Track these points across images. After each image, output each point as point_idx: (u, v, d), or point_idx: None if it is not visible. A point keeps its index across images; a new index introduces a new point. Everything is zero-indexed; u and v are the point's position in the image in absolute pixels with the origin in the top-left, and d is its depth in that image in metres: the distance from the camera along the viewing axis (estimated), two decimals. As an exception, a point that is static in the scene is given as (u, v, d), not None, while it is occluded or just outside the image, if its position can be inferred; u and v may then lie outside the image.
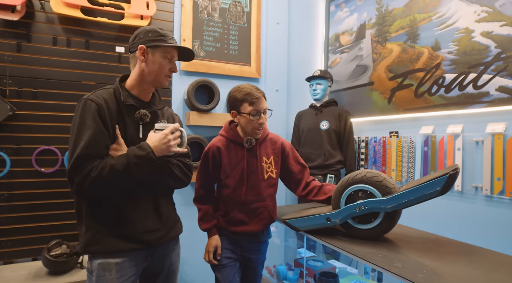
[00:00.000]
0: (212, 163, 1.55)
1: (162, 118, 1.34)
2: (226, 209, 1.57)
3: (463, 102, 1.86)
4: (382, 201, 1.21)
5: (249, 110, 1.47)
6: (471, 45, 1.82)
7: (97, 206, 1.18)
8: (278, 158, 1.63)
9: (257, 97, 1.46)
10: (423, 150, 2.11)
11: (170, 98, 2.61)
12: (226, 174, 1.55)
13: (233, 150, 1.55)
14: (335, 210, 1.33)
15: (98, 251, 1.18)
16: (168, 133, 1.23)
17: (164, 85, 1.32)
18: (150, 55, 1.23)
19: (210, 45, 2.71)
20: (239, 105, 1.50)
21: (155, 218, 1.27)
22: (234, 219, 1.55)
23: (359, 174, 1.30)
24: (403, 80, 2.23)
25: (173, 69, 1.30)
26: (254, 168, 1.55)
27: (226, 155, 1.54)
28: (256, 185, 1.55)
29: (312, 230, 1.40)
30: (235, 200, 1.55)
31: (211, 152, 1.55)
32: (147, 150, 1.15)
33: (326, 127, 2.60)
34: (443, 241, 1.30)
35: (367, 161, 2.56)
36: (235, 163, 1.54)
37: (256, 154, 1.56)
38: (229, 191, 1.55)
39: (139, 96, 1.28)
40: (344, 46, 2.82)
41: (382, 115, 2.41)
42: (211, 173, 1.57)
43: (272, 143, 1.64)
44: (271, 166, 1.60)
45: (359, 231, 1.30)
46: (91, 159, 1.10)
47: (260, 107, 1.48)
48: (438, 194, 1.11)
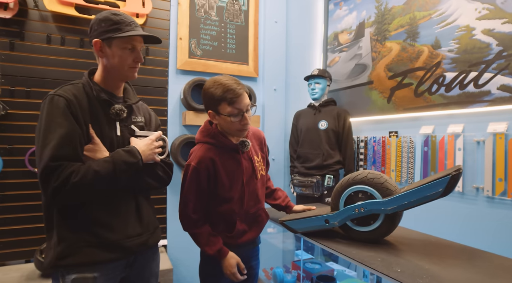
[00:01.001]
0: (206, 180, 1.28)
1: (138, 114, 1.25)
2: (227, 225, 1.35)
3: (464, 101, 1.83)
4: (382, 202, 1.17)
5: (229, 112, 1.22)
6: (472, 43, 1.79)
7: (72, 212, 1.05)
8: (263, 153, 1.49)
9: (237, 95, 1.20)
10: (423, 150, 2.08)
11: (167, 98, 2.57)
12: (225, 188, 1.30)
13: (227, 158, 1.31)
14: (334, 212, 1.29)
15: (73, 264, 1.03)
16: (154, 140, 1.18)
17: (132, 77, 1.18)
18: (107, 49, 1.10)
19: (207, 44, 2.67)
20: (216, 104, 1.23)
21: (137, 221, 1.16)
22: (237, 232, 1.35)
23: (360, 175, 1.26)
24: (402, 79, 2.20)
25: (138, 59, 1.15)
26: (251, 171, 1.37)
27: (221, 167, 1.29)
28: (254, 189, 1.40)
29: (310, 232, 1.36)
30: (236, 212, 1.34)
31: (203, 167, 1.26)
32: (138, 157, 1.09)
33: (324, 127, 2.57)
34: (444, 243, 1.27)
35: (366, 161, 2.53)
36: (232, 172, 1.31)
37: (248, 155, 1.38)
38: (231, 204, 1.33)
39: (111, 90, 1.16)
40: (343, 45, 2.79)
41: (382, 115, 2.38)
42: (206, 193, 1.30)
43: (256, 137, 1.45)
44: (261, 164, 1.45)
45: (358, 234, 1.26)
46: (68, 161, 0.99)
47: (242, 106, 1.22)
48: (440, 196, 1.08)
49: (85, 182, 0.99)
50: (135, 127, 1.23)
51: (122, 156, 1.07)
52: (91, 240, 1.06)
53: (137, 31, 1.15)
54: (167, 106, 2.57)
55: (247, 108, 1.25)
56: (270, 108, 2.85)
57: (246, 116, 1.25)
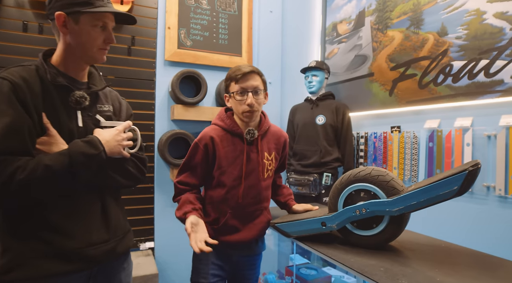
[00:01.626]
0: (203, 156, 1.29)
1: (106, 102, 1.09)
2: (217, 215, 1.31)
3: (473, 92, 1.68)
4: (387, 202, 1.02)
5: (235, 89, 1.25)
6: (482, 28, 1.64)
7: (20, 217, 0.90)
8: (279, 155, 1.43)
9: (242, 72, 1.23)
10: (427, 146, 1.92)
11: (154, 91, 2.41)
12: (221, 169, 1.28)
13: (231, 142, 1.30)
14: (332, 213, 1.14)
15: (19, 279, 0.88)
16: (121, 131, 1.02)
17: (100, 60, 1.04)
18: (73, 25, 0.95)
19: (198, 34, 2.51)
20: (228, 85, 1.30)
21: (102, 226, 1.01)
22: (225, 227, 1.30)
23: (363, 171, 1.11)
24: (405, 70, 2.05)
25: (109, 40, 1.02)
26: (255, 165, 1.31)
27: (221, 147, 1.29)
28: (255, 186, 1.32)
29: (306, 236, 1.21)
30: (229, 203, 1.29)
31: (203, 143, 1.28)
32: (99, 148, 0.93)
33: (322, 122, 2.42)
34: (456, 249, 1.12)
35: (367, 158, 2.38)
36: (233, 158, 1.29)
37: (257, 148, 1.32)
38: (224, 191, 1.29)
39: (71, 75, 1.01)
40: (342, 36, 2.64)
41: (383, 108, 2.23)
42: (201, 168, 1.30)
43: (276, 136, 1.41)
44: (272, 164, 1.38)
45: (359, 238, 1.11)
46: (13, 155, 0.84)
47: (247, 85, 1.24)
48: (455, 195, 0.93)
49: (34, 179, 0.83)
50: (100, 117, 1.07)
51: (80, 147, 0.91)
52: (42, 249, 0.90)
53: (109, 7, 1.00)
54: (155, 100, 2.42)
55: (255, 90, 1.25)
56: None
57: (251, 96, 1.24)
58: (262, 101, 1.30)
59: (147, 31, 2.39)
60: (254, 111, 1.27)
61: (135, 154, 1.11)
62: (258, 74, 1.28)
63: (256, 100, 1.26)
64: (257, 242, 1.41)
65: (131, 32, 2.34)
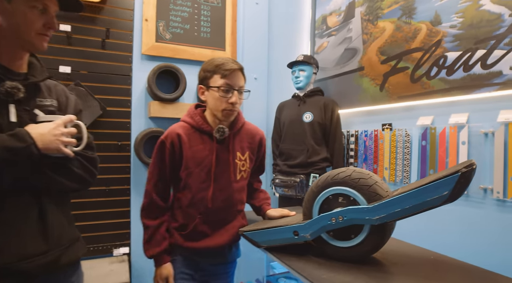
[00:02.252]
0: (169, 156, 1.18)
1: (49, 95, 0.96)
2: (185, 220, 1.21)
3: (468, 85, 1.54)
4: (366, 209, 0.87)
5: (220, 84, 1.15)
6: (479, 15, 1.49)
7: None
8: (253, 155, 1.31)
9: (231, 68, 1.15)
10: (420, 144, 1.78)
11: (130, 87, 2.26)
12: (188, 170, 1.18)
13: (199, 141, 1.20)
14: (305, 220, 0.99)
15: None
16: (61, 125, 0.88)
17: (40, 47, 0.91)
18: (5, 3, 0.83)
19: (178, 27, 2.36)
20: (209, 77, 1.18)
21: (40, 235, 0.88)
22: (194, 233, 1.19)
23: (342, 173, 0.97)
24: (397, 63, 1.90)
25: (51, 25, 0.90)
26: (225, 165, 1.21)
27: (188, 146, 1.18)
28: (226, 188, 1.21)
29: (278, 246, 1.07)
30: (197, 207, 1.19)
31: (169, 141, 1.17)
32: (27, 141, 0.80)
33: (309, 119, 2.27)
34: (445, 262, 0.97)
35: (357, 158, 2.23)
36: (201, 158, 1.19)
37: (228, 148, 1.22)
38: (191, 194, 1.19)
39: (4, 63, 0.89)
40: (332, 29, 2.49)
41: (374, 105, 2.08)
42: (169, 170, 1.19)
43: (250, 135, 1.31)
44: (245, 164, 1.26)
45: (335, 250, 0.97)
46: None
47: (234, 82, 1.16)
48: (445, 201, 0.79)
49: None
50: (39, 112, 0.92)
51: (4, 141, 0.78)
52: None
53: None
54: (131, 96, 2.27)
55: (240, 88, 1.18)
56: (250, 99, 2.51)
57: (236, 95, 1.16)
58: (242, 102, 1.24)
59: (123, 24, 2.24)
60: (235, 111, 1.20)
61: (82, 153, 0.98)
62: (243, 73, 1.22)
63: (239, 100, 1.19)
64: (230, 249, 1.28)
65: (105, 25, 2.20)
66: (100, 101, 2.14)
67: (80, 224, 2.10)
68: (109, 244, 2.17)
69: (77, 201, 2.10)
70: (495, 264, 1.31)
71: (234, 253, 1.31)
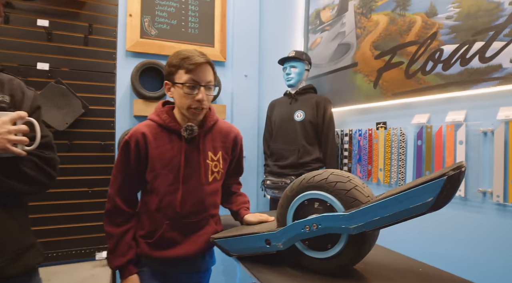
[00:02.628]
0: (135, 157, 1.08)
1: (0, 90, 0.89)
2: (152, 227, 1.11)
3: (466, 80, 1.43)
4: (342, 217, 0.77)
5: (185, 80, 1.05)
6: (476, 4, 1.38)
7: None
8: (228, 155, 1.22)
9: (197, 62, 1.04)
10: (416, 144, 1.67)
11: (114, 85, 2.18)
12: (154, 172, 1.08)
13: (166, 140, 1.11)
14: (278, 228, 0.89)
15: None
16: (7, 122, 0.80)
17: None
18: None
19: (164, 23, 2.27)
20: (173, 72, 1.08)
21: None
22: (162, 240, 1.09)
23: (319, 175, 0.87)
24: (391, 58, 1.80)
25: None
26: (195, 166, 1.12)
27: (155, 146, 1.09)
28: (196, 191, 1.11)
29: (251, 255, 0.97)
30: (165, 212, 1.09)
31: (134, 141, 1.08)
32: None
33: (301, 118, 2.17)
34: (434, 276, 0.87)
35: (351, 159, 2.13)
36: (168, 158, 1.09)
37: (198, 147, 1.13)
38: (158, 198, 1.09)
39: None
40: (325, 23, 2.39)
41: (367, 102, 1.98)
42: (134, 172, 1.10)
43: (223, 133, 1.21)
44: (218, 165, 1.17)
45: (311, 261, 0.87)
46: None
47: (200, 78, 1.06)
48: (430, 208, 0.69)
49: None
50: None
51: None
52: None
53: None
54: (115, 94, 2.18)
55: (207, 85, 1.08)
56: (240, 97, 2.46)
57: (203, 91, 1.06)
58: (211, 98, 1.14)
59: (106, 19, 2.16)
60: (203, 109, 1.10)
61: (36, 153, 0.90)
62: (211, 66, 1.11)
63: (207, 96, 1.09)
64: (203, 257, 1.18)
65: (88, 20, 2.11)
66: (82, 99, 2.06)
67: (61, 226, 2.02)
68: (92, 247, 2.08)
69: (58, 203, 2.02)
70: (494, 276, 1.20)
71: (207, 262, 1.21)
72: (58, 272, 1.92)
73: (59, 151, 2.03)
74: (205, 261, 1.19)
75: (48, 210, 2.00)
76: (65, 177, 2.05)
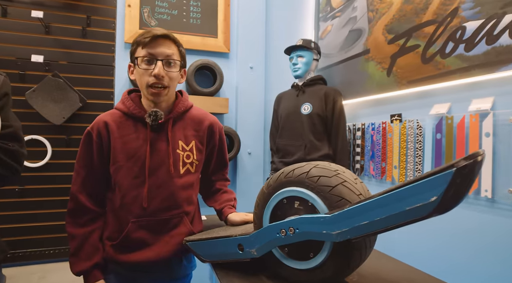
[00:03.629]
0: (97, 149, 0.98)
1: None
2: (116, 226, 0.99)
3: (493, 61, 1.22)
4: (322, 220, 0.62)
5: (142, 55, 0.96)
6: (506, -29, 1.17)
7: None
8: (203, 145, 1.08)
9: (153, 35, 0.95)
10: (435, 137, 1.47)
11: (113, 78, 2.11)
12: (117, 164, 0.97)
13: (132, 129, 1.00)
14: (251, 231, 0.75)
15: None
16: None
17: None
18: None
19: (164, 13, 2.18)
20: (134, 51, 1.00)
21: None
22: (128, 241, 0.97)
23: (299, 169, 0.72)
24: (406, 41, 1.60)
25: None
26: (163, 157, 0.99)
27: (118, 136, 0.98)
28: (165, 184, 0.98)
29: (224, 262, 0.83)
30: (130, 209, 0.97)
31: (96, 131, 0.98)
32: None
33: (308, 111, 2.00)
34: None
35: (364, 155, 1.94)
36: (133, 149, 0.98)
37: (167, 136, 1.01)
38: (121, 193, 0.98)
39: None
40: (336, 10, 2.21)
41: (380, 92, 1.79)
42: (98, 166, 0.99)
43: (196, 121, 1.08)
44: (191, 156, 1.04)
45: (290, 272, 0.71)
46: None
47: (156, 51, 0.96)
48: (434, 211, 0.52)
49: None
50: None
51: None
52: None
53: None
54: (114, 88, 2.11)
55: (167, 59, 0.97)
56: (245, 90, 2.32)
57: (160, 66, 0.95)
58: (176, 77, 1.01)
59: (105, 10, 2.09)
60: (164, 87, 0.98)
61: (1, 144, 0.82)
62: (173, 41, 1.00)
63: (167, 72, 0.97)
64: (179, 261, 1.05)
65: (86, 12, 2.05)
66: (80, 93, 2.00)
67: (58, 223, 1.97)
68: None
69: (56, 199, 1.97)
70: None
71: (185, 267, 1.07)
72: (54, 270, 1.88)
73: (57, 145, 2.01)
74: (182, 266, 1.05)
75: (46, 206, 1.95)
76: (63, 172, 2.00)
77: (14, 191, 1.89)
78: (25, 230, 1.90)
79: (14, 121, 0.93)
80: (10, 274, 1.78)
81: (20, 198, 1.90)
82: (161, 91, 0.97)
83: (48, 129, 1.96)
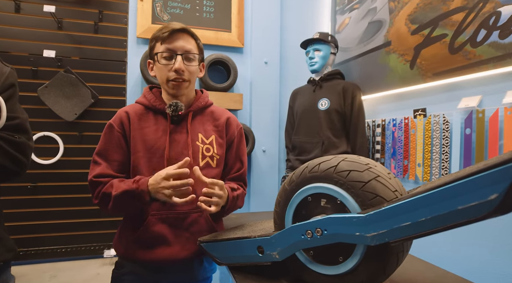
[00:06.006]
0: (120, 139, 0.97)
1: None
2: (136, 219, 0.95)
3: (533, 49, 1.12)
4: (355, 220, 0.55)
5: (161, 50, 0.97)
6: (548, -51, 1.07)
7: None
8: (223, 140, 1.05)
9: (170, 29, 0.96)
10: (463, 133, 1.38)
11: (125, 74, 2.07)
12: (137, 154, 0.96)
13: (153, 122, 1.00)
14: (274, 232, 0.68)
15: None
16: None
17: None
18: None
19: (177, 7, 2.13)
20: (153, 47, 1.01)
21: None
22: (148, 236, 0.93)
23: (326, 162, 0.65)
24: (431, 31, 1.50)
25: None
26: (182, 148, 0.98)
27: (138, 126, 0.98)
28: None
29: (242, 265, 0.76)
30: None
31: (118, 122, 0.98)
32: None
33: (325, 106, 1.92)
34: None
35: (384, 153, 1.85)
36: (153, 140, 0.98)
37: (186, 128, 1.00)
38: None
39: None
40: (354, 1, 2.12)
41: (403, 86, 1.69)
42: (122, 156, 0.97)
43: (215, 117, 1.08)
44: (211, 149, 1.01)
45: (317, 278, 0.64)
46: None
47: (176, 46, 0.96)
48: (494, 211, 0.44)
49: None
50: None
51: None
52: None
53: None
54: (126, 84, 2.07)
55: (186, 53, 0.97)
56: (259, 86, 2.25)
57: (180, 60, 0.95)
58: (195, 71, 1.01)
59: (117, 5, 2.06)
60: (184, 81, 0.98)
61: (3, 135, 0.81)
62: (191, 35, 1.01)
63: (187, 67, 0.97)
64: (201, 262, 0.99)
65: (98, 6, 2.02)
66: (92, 89, 1.97)
67: (70, 221, 1.94)
68: (101, 244, 1.99)
69: (68, 197, 1.95)
70: None
71: (206, 269, 1.02)
72: (65, 269, 1.85)
73: (69, 142, 1.98)
74: (203, 268, 1.00)
75: (58, 204, 1.93)
76: (75, 170, 1.97)
77: (26, 188, 1.87)
78: (37, 228, 1.88)
79: (21, 113, 0.90)
80: (22, 272, 1.76)
81: (32, 195, 1.88)
82: (182, 83, 0.97)
83: (60, 126, 1.94)
